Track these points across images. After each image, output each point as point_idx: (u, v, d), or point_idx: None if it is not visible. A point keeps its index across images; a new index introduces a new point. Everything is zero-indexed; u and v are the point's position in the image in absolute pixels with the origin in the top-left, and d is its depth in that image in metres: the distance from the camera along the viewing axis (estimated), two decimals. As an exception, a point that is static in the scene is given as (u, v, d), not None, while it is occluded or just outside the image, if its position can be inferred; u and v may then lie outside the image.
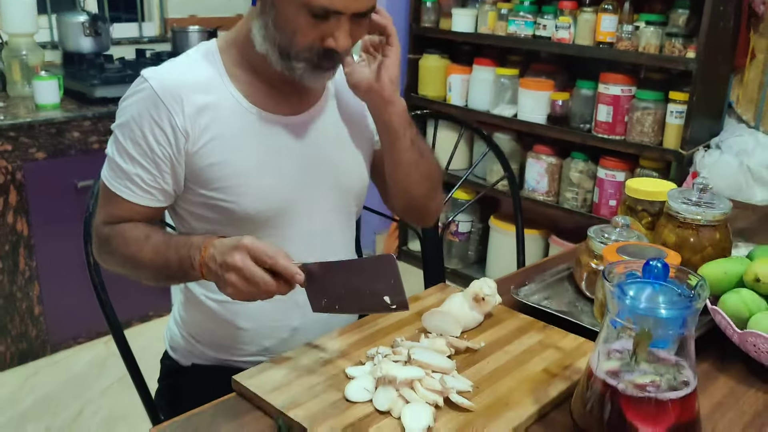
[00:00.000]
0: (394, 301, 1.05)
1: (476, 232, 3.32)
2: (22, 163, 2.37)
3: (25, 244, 2.46)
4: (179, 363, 1.41)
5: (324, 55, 1.15)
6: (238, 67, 1.24)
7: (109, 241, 1.22)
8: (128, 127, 1.19)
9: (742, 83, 2.58)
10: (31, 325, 2.56)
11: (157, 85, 1.17)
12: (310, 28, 1.12)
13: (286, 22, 1.12)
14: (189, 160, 1.20)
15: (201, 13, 3.45)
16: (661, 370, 0.87)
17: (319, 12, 1.09)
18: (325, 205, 1.32)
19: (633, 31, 2.50)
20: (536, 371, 1.06)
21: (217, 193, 1.21)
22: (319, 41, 1.13)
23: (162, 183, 1.21)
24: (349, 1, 1.10)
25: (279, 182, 1.24)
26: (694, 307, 0.81)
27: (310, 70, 1.17)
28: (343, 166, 1.33)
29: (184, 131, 1.18)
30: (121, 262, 1.23)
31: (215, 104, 1.20)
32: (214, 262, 1.07)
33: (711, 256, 1.23)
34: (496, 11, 2.89)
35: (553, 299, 1.32)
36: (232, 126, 1.21)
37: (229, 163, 1.20)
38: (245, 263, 1.03)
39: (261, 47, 1.18)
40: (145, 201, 1.21)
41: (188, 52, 1.27)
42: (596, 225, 1.33)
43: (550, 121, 2.79)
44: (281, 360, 1.08)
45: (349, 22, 1.13)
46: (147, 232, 1.20)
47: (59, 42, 2.96)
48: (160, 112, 1.17)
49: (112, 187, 1.21)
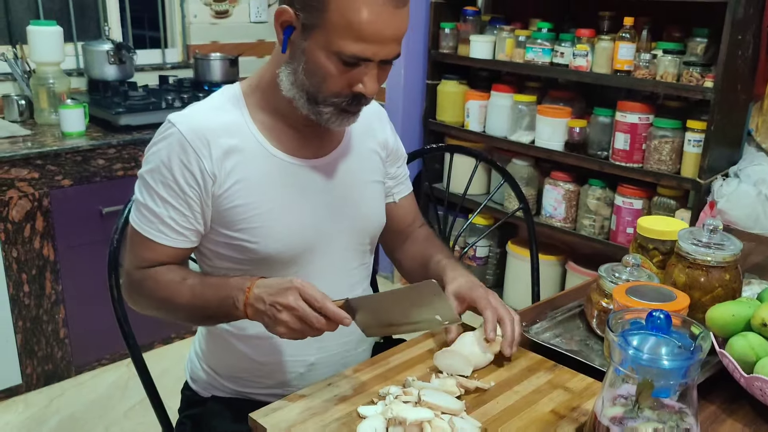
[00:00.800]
0: (445, 318, 1.12)
1: (494, 257, 3.33)
2: (49, 189, 2.43)
3: (51, 269, 2.51)
4: (199, 394, 1.45)
5: (352, 100, 1.19)
6: (261, 111, 1.28)
7: (142, 285, 1.25)
8: (159, 172, 1.22)
9: (761, 111, 2.57)
10: (57, 347, 2.61)
11: (185, 130, 1.21)
12: (339, 74, 1.15)
13: (317, 69, 1.16)
14: (215, 201, 1.23)
15: (223, 39, 3.52)
16: (664, 417, 0.89)
17: (350, 60, 1.13)
18: (343, 244, 1.36)
19: (650, 59, 2.51)
20: (545, 412, 1.08)
21: (240, 233, 1.25)
22: (348, 87, 1.17)
23: (195, 223, 1.24)
24: (379, 49, 1.13)
25: (301, 224, 1.28)
26: (696, 359, 0.83)
27: (336, 114, 1.21)
28: (362, 208, 1.37)
29: (211, 174, 1.21)
30: (155, 305, 1.27)
31: (240, 148, 1.24)
32: (262, 303, 1.11)
33: (721, 296, 1.24)
34: (514, 38, 2.92)
35: (564, 337, 1.34)
36: (257, 169, 1.25)
37: (253, 205, 1.24)
38: (298, 303, 1.07)
39: (288, 92, 1.22)
40: (177, 243, 1.25)
41: (212, 96, 1.31)
42: (610, 260, 1.35)
43: (567, 147, 2.80)
44: (296, 398, 1.11)
45: (378, 67, 1.17)
46: (182, 275, 1.24)
47: (85, 69, 3.03)
48: (189, 156, 1.20)
49: (144, 231, 1.24)
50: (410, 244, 1.54)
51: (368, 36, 1.11)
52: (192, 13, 3.42)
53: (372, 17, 1.10)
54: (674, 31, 2.62)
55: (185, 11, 3.40)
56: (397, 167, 1.50)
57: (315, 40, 1.14)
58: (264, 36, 3.66)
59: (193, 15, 3.42)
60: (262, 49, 3.66)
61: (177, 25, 3.43)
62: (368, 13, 1.10)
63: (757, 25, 2.40)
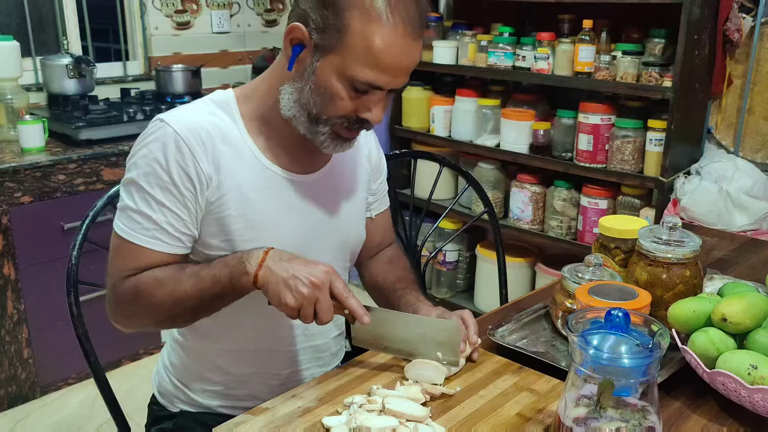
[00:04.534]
0: (446, 358, 1.16)
1: (464, 261, 3.34)
2: (8, 207, 2.39)
3: (12, 288, 2.46)
4: (167, 409, 1.42)
5: (353, 124, 1.17)
6: (255, 122, 1.24)
7: (137, 291, 1.17)
8: (154, 175, 1.15)
9: (720, 109, 2.61)
10: (21, 368, 2.55)
11: (179, 129, 1.15)
12: (348, 99, 1.14)
13: (326, 91, 1.14)
14: (208, 208, 1.19)
15: (185, 51, 3.49)
16: (627, 415, 0.89)
17: (362, 87, 1.12)
18: (324, 260, 1.34)
19: (610, 61, 2.54)
20: (510, 415, 1.08)
21: (225, 244, 1.21)
22: (354, 112, 1.16)
23: (191, 227, 1.19)
24: (392, 79, 1.12)
25: (286, 239, 1.25)
26: (655, 357, 0.83)
27: (332, 138, 1.19)
28: (345, 226, 1.36)
29: (207, 177, 1.17)
30: (156, 307, 1.17)
31: (234, 155, 1.20)
32: (286, 271, 1.09)
33: (682, 292, 1.25)
34: (476, 43, 2.93)
35: (530, 339, 1.34)
36: (249, 179, 1.21)
37: (244, 217, 1.21)
38: (325, 287, 1.09)
39: (289, 111, 1.19)
40: (174, 249, 1.19)
41: (204, 99, 1.26)
42: (578, 260, 1.35)
43: (532, 150, 2.82)
44: (260, 411, 1.09)
45: (386, 96, 1.16)
46: (178, 267, 1.18)
47: (44, 84, 2.98)
48: (184, 156, 1.15)
49: (136, 239, 1.17)
50: (373, 262, 1.53)
51: (385, 65, 1.10)
52: (153, 25, 3.38)
53: (391, 47, 1.09)
54: (633, 33, 2.65)
55: (146, 23, 3.37)
56: (379, 183, 1.49)
57: (329, 62, 1.12)
58: (227, 46, 3.64)
59: (154, 27, 3.39)
60: (225, 59, 3.63)
61: (138, 37, 3.39)
62: (388, 43, 1.08)
63: (712, 25, 2.44)
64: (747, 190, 2.38)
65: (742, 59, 2.53)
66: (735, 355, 1.06)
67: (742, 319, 1.09)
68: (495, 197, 2.98)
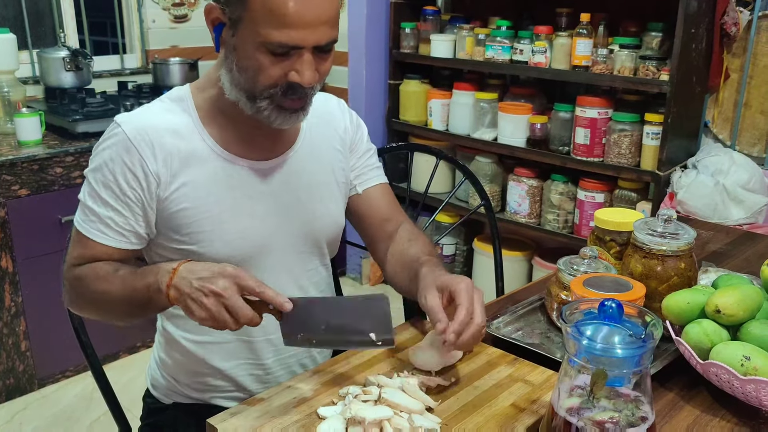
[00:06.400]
0: (379, 338, 1.08)
1: (461, 254, 3.34)
2: (5, 200, 2.39)
3: (10, 281, 2.46)
4: (161, 401, 1.43)
5: (289, 91, 1.14)
6: (210, 112, 1.25)
7: (81, 280, 1.21)
8: (101, 172, 1.20)
9: (717, 103, 2.62)
10: (18, 361, 2.56)
11: (129, 130, 1.19)
12: (271, 66, 1.12)
13: (248, 63, 1.13)
14: (160, 205, 1.21)
15: (182, 44, 3.49)
16: (620, 406, 0.90)
17: (278, 49, 1.10)
18: (297, 248, 1.33)
19: (608, 54, 2.54)
20: (504, 406, 1.08)
21: (188, 238, 1.22)
22: (283, 77, 1.13)
23: (135, 225, 1.21)
24: (307, 34, 1.09)
25: (250, 228, 1.26)
26: (648, 347, 0.84)
27: (276, 110, 1.16)
28: (316, 212, 1.34)
29: (156, 175, 1.19)
30: (92, 300, 1.22)
31: (187, 149, 1.21)
32: (189, 286, 1.06)
33: (677, 285, 1.25)
34: (474, 37, 2.93)
35: (525, 330, 1.34)
36: (204, 171, 1.22)
37: (200, 209, 1.22)
38: (229, 292, 1.04)
39: (230, 93, 1.19)
40: (117, 243, 1.22)
41: (161, 98, 1.28)
42: (570, 253, 1.35)
43: (529, 143, 2.82)
44: (255, 402, 1.09)
45: (312, 55, 1.13)
46: (116, 266, 1.20)
47: (41, 77, 2.98)
48: (132, 157, 1.18)
49: (84, 230, 1.22)
50: (394, 245, 1.42)
51: (290, 22, 1.07)
52: (150, 18, 3.38)
53: (292, 1, 1.06)
54: (630, 26, 2.65)
55: (143, 16, 3.37)
56: (358, 158, 1.43)
57: (242, 34, 1.11)
58: (224, 39, 3.63)
59: (151, 20, 3.39)
60: (223, 52, 3.62)
61: (135, 30, 3.39)
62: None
63: (709, 18, 2.44)
64: (743, 184, 2.39)
65: (740, 53, 2.53)
66: (728, 346, 1.07)
67: (735, 311, 1.09)
68: (492, 191, 2.99)
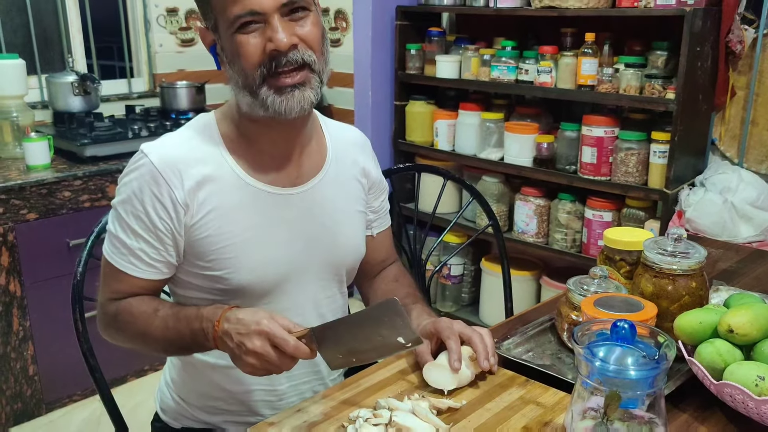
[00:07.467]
0: (407, 339, 1.08)
1: (468, 275, 3.33)
2: (14, 224, 2.39)
3: (18, 305, 2.47)
4: (170, 426, 1.42)
5: (275, 65, 1.14)
6: (235, 139, 1.25)
7: (117, 318, 1.22)
8: (130, 204, 1.19)
9: (723, 120, 2.62)
10: (26, 385, 2.55)
11: (156, 160, 1.18)
12: (248, 44, 1.13)
13: (233, 55, 1.16)
14: (188, 232, 1.21)
15: (189, 67, 3.51)
16: (634, 428, 0.89)
17: (244, 23, 1.12)
18: (318, 275, 1.33)
19: (613, 73, 2.54)
20: (517, 429, 1.07)
21: (213, 264, 1.22)
22: (263, 52, 1.13)
23: (166, 256, 1.22)
24: None
25: (274, 255, 1.25)
26: (661, 369, 0.83)
27: (276, 93, 1.15)
28: (340, 238, 1.35)
29: (183, 204, 1.19)
30: (130, 338, 1.24)
31: (214, 177, 1.21)
32: (231, 340, 1.08)
33: (688, 304, 1.24)
34: (479, 57, 2.94)
35: (535, 351, 1.33)
36: (230, 199, 1.22)
37: (226, 236, 1.21)
38: (265, 350, 1.05)
39: (240, 101, 1.20)
40: (149, 275, 1.22)
41: (186, 125, 1.28)
42: (583, 273, 1.34)
43: (536, 163, 2.82)
44: (265, 426, 1.09)
45: (281, 20, 1.12)
46: (155, 306, 1.21)
47: (49, 102, 3.00)
48: (160, 187, 1.18)
49: (116, 263, 1.21)
50: (378, 281, 1.51)
51: None
52: (158, 43, 3.41)
53: None
54: (635, 45, 2.66)
55: (150, 41, 3.39)
56: (381, 201, 1.48)
57: (221, 34, 1.16)
58: (231, 63, 3.65)
59: (158, 44, 3.42)
60: (230, 75, 3.64)
61: (143, 55, 3.41)
62: None
63: (714, 37, 2.45)
64: (752, 202, 2.38)
65: (745, 71, 2.53)
66: (742, 366, 1.06)
67: (748, 330, 1.08)
68: (499, 210, 2.98)
